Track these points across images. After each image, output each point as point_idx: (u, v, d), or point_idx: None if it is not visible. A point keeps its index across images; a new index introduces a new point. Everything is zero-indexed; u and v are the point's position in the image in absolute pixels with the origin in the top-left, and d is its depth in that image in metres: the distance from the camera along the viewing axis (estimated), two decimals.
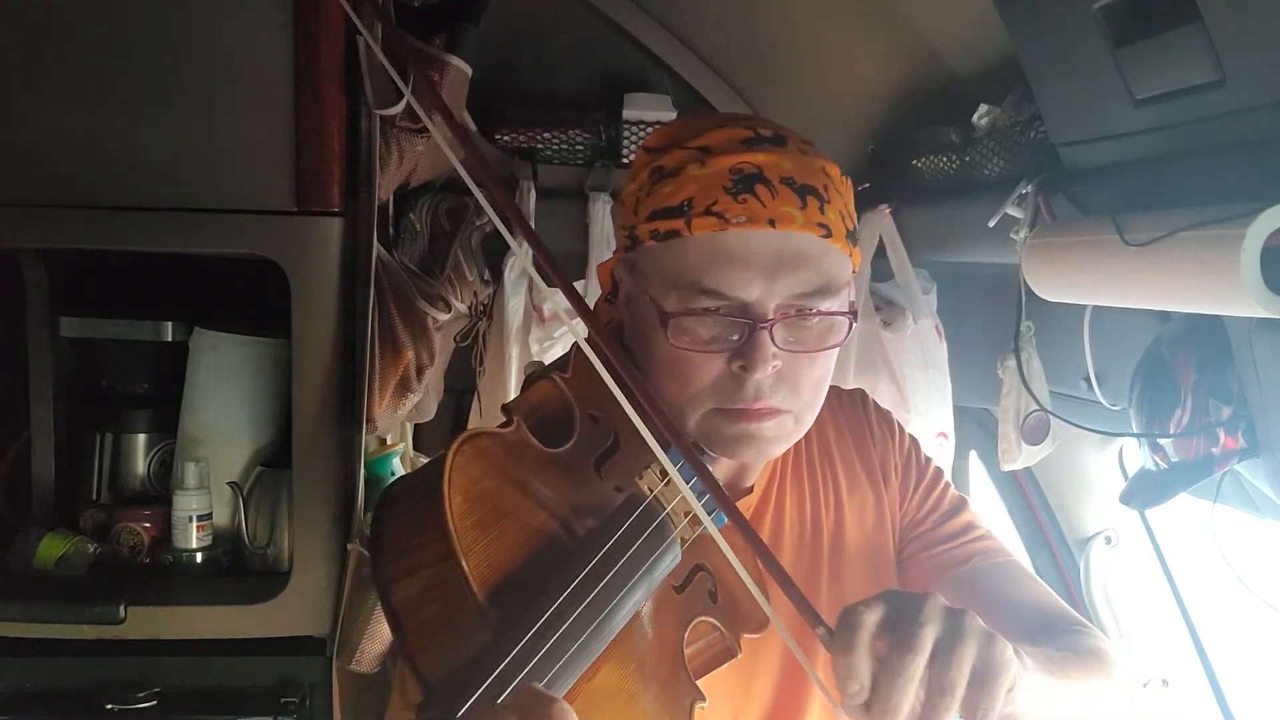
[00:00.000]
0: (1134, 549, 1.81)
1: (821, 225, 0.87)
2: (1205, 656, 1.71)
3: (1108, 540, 1.82)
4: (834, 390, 1.13)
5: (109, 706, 1.38)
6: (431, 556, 0.68)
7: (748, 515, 1.02)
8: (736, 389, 0.87)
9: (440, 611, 0.68)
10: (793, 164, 0.88)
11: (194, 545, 1.49)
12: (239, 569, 1.54)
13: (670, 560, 0.80)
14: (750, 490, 1.03)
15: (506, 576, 0.69)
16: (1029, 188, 1.28)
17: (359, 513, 1.46)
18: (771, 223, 0.86)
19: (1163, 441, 1.15)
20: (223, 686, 1.44)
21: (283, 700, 1.43)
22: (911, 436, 1.14)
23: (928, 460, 1.13)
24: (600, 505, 0.80)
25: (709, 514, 0.79)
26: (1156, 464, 1.17)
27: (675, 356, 0.88)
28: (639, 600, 0.75)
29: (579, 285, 1.89)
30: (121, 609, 1.39)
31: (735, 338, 0.87)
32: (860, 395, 1.16)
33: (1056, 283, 1.21)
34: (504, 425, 0.79)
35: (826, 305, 0.88)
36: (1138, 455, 1.23)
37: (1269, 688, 1.73)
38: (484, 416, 1.88)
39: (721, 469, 1.02)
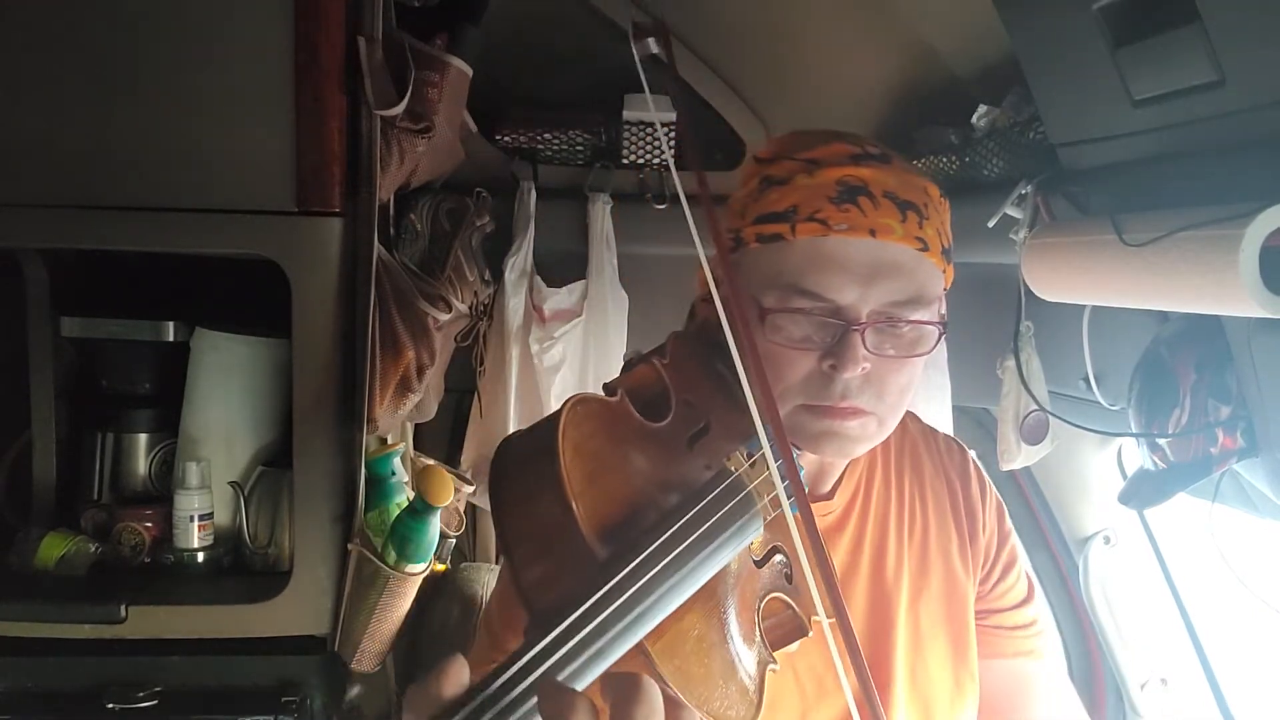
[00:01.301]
0: (1133, 549, 1.82)
1: (919, 239, 0.91)
2: (1204, 656, 1.71)
3: (1106, 540, 1.83)
4: (931, 431, 1.19)
5: (109, 706, 1.38)
6: (546, 503, 0.73)
7: (829, 521, 1.06)
8: (825, 387, 0.91)
9: (553, 552, 0.73)
10: (896, 180, 0.92)
11: (195, 545, 1.49)
12: (240, 569, 1.54)
13: (752, 530, 0.84)
14: (830, 496, 1.06)
15: (610, 525, 0.75)
16: (1028, 188, 1.28)
17: (359, 512, 1.46)
18: (872, 232, 0.90)
19: (1161, 441, 1.15)
20: (223, 686, 1.44)
21: (283, 700, 1.43)
22: (999, 499, 1.17)
23: (1010, 531, 1.16)
24: (689, 478, 0.84)
25: (787, 499, 0.84)
26: (1155, 464, 1.17)
27: (769, 352, 0.91)
28: (724, 559, 0.80)
29: (579, 285, 1.89)
30: (122, 608, 1.39)
31: (828, 338, 0.90)
32: (960, 446, 1.19)
33: (1056, 283, 1.21)
34: (610, 395, 0.84)
35: (918, 315, 0.92)
36: (1136, 455, 1.23)
37: (1268, 688, 1.73)
38: (484, 416, 1.89)
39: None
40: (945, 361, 1.79)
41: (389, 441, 1.61)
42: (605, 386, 0.87)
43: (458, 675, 0.57)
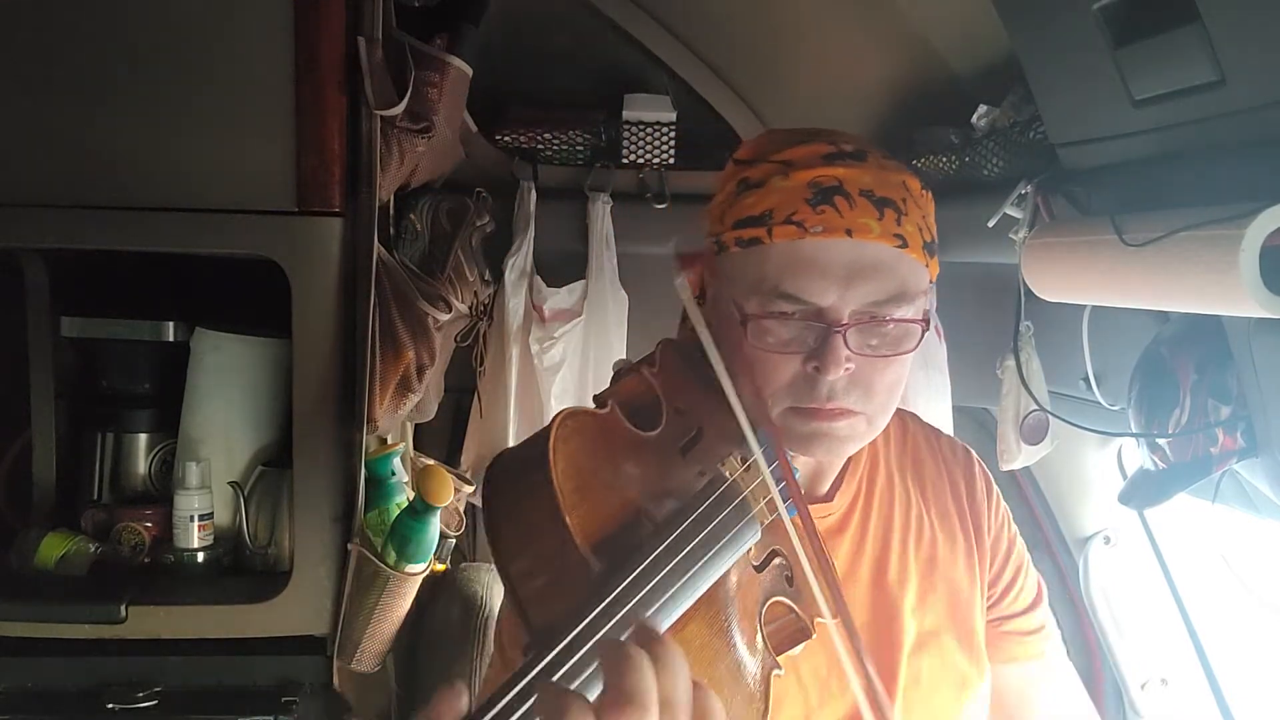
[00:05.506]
0: (1133, 548, 1.82)
1: (897, 236, 0.91)
2: (1204, 656, 1.72)
3: (1106, 540, 1.83)
4: (936, 433, 1.19)
5: (110, 706, 1.38)
6: (540, 519, 0.74)
7: (829, 524, 1.06)
8: (810, 389, 0.91)
9: (548, 567, 0.74)
10: (872, 177, 0.92)
11: (195, 545, 1.49)
12: (240, 568, 1.54)
13: (750, 536, 0.84)
14: (829, 498, 1.06)
15: (604, 537, 0.75)
16: (1028, 188, 1.28)
17: (359, 512, 1.46)
18: (849, 232, 0.90)
19: (1161, 441, 1.15)
20: (223, 686, 1.44)
21: (283, 700, 1.43)
22: (1006, 506, 1.17)
23: (1016, 534, 1.17)
24: (683, 486, 0.84)
25: (783, 502, 0.85)
26: (1155, 464, 1.17)
27: (754, 356, 0.92)
28: (723, 567, 0.80)
29: (579, 285, 1.89)
30: (122, 608, 1.39)
31: (811, 340, 0.91)
32: (965, 449, 1.19)
33: (1056, 283, 1.21)
34: (600, 407, 0.84)
35: (900, 313, 0.91)
36: (1136, 455, 1.23)
37: (1268, 687, 1.73)
38: (484, 416, 1.89)
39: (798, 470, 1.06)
40: (945, 361, 1.79)
41: (389, 441, 1.61)
42: (595, 398, 0.87)
43: (453, 705, 0.57)
